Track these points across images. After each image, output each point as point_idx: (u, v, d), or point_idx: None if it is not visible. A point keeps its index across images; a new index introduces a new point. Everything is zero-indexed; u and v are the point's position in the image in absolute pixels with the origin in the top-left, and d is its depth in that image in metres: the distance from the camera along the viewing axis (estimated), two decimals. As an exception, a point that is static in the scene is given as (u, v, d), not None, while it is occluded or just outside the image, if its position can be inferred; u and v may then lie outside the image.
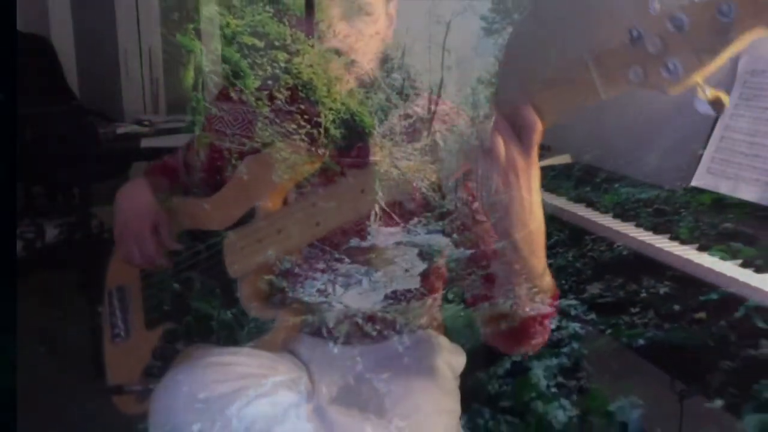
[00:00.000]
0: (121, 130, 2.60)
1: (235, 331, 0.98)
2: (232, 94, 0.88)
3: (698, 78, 0.66)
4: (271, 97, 0.89)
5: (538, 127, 0.72)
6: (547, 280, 0.81)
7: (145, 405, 1.04)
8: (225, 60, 0.81)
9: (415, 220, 0.95)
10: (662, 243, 0.95)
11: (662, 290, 0.82)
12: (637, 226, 1.03)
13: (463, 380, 1.02)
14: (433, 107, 0.84)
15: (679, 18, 0.65)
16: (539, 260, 0.79)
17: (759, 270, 0.98)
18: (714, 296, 0.71)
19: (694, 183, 1.36)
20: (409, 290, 0.97)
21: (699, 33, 0.64)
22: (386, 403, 0.94)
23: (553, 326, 0.79)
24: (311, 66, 0.82)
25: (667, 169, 1.18)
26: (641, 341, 0.71)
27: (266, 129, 0.88)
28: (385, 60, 0.97)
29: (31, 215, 3.07)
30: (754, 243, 0.84)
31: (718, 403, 0.56)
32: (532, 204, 0.74)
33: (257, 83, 0.88)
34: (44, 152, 2.50)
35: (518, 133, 0.73)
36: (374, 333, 0.98)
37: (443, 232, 0.93)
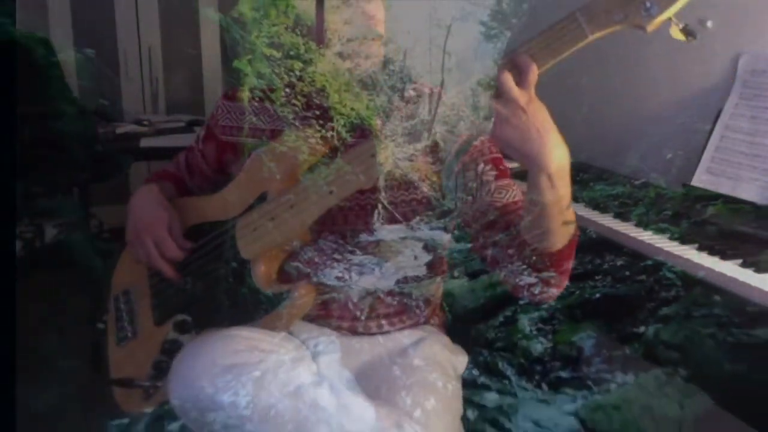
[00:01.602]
0: (120, 130, 2.60)
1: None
2: (258, 95, 0.91)
3: (671, 14, 0.79)
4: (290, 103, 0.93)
5: (533, 68, 0.83)
6: (571, 212, 0.89)
7: (150, 402, 1.05)
8: (260, 75, 0.86)
9: (417, 218, 0.98)
10: (615, 224, 1.20)
11: (619, 262, 1.06)
12: (603, 214, 1.28)
13: (467, 331, 1.07)
14: (433, 110, 0.86)
15: None
16: (568, 189, 0.87)
17: (759, 270, 1.00)
18: (650, 262, 0.96)
19: (693, 183, 1.36)
20: (417, 276, 1.04)
21: None
22: (390, 397, 0.95)
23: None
24: (323, 75, 0.86)
25: (657, 167, 1.35)
26: (597, 295, 0.98)
27: (290, 134, 0.95)
28: (387, 62, 0.99)
29: (30, 215, 3.07)
30: (679, 223, 1.11)
31: (642, 329, 0.83)
32: (548, 136, 0.83)
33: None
34: (44, 152, 2.49)
35: (517, 77, 0.83)
36: (395, 303, 1.04)
37: (445, 229, 1.00)
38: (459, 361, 1.11)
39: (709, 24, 0.85)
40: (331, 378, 0.99)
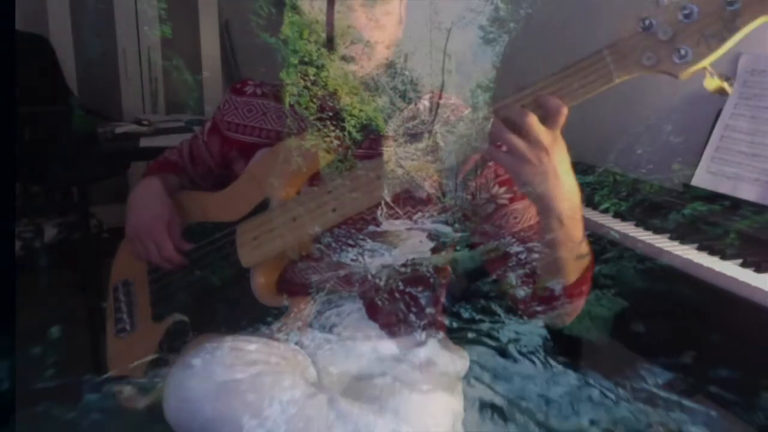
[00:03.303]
0: (120, 130, 2.60)
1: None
2: (294, 99, 0.93)
3: (707, 63, 0.73)
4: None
5: (563, 110, 0.79)
6: (585, 246, 0.90)
7: (148, 398, 1.04)
8: (293, 82, 0.89)
9: (419, 214, 0.99)
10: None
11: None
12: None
13: (467, 286, 1.18)
14: (433, 111, 0.87)
15: (689, 8, 0.72)
16: (579, 228, 0.87)
17: (759, 270, 1.02)
18: (610, 237, 1.27)
19: (693, 182, 1.37)
20: (423, 258, 1.04)
21: (708, 21, 0.71)
22: (391, 401, 0.95)
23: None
24: (335, 79, 0.88)
25: (656, 167, 1.43)
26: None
27: (312, 134, 0.96)
28: (389, 65, 0.99)
29: (29, 215, 3.07)
30: (629, 200, 1.38)
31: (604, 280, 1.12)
32: (564, 179, 0.82)
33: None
34: (43, 152, 2.50)
35: (544, 116, 0.80)
36: (410, 272, 1.04)
37: (446, 223, 1.01)
38: (459, 362, 1.11)
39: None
40: (330, 386, 0.98)
